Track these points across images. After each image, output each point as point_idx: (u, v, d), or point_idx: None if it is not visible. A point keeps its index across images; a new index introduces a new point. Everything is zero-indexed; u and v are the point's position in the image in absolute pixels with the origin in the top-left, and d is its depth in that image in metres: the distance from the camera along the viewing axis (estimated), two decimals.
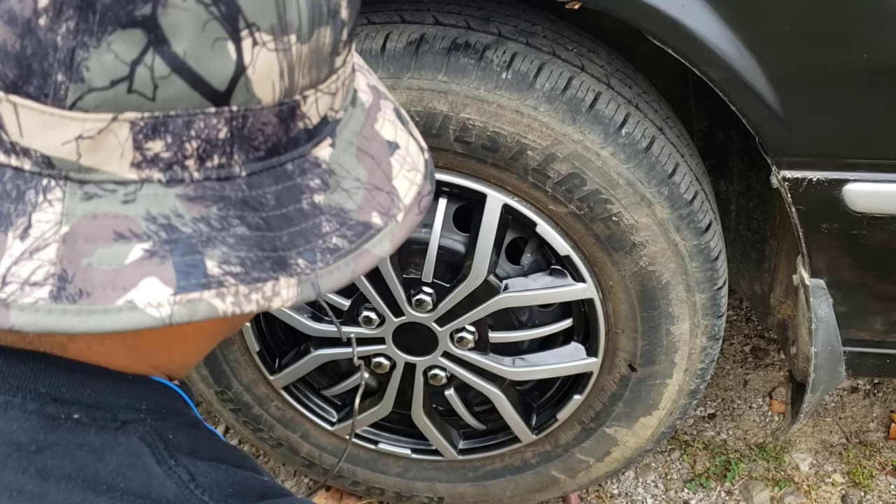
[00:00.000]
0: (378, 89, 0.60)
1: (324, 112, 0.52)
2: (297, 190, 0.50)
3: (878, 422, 1.94)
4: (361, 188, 0.53)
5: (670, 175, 1.20)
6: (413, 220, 0.55)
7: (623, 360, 1.40)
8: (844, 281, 1.25)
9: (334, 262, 0.50)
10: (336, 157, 0.53)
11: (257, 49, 0.45)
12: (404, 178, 0.56)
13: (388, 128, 0.57)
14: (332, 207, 0.51)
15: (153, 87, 0.43)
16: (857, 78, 1.06)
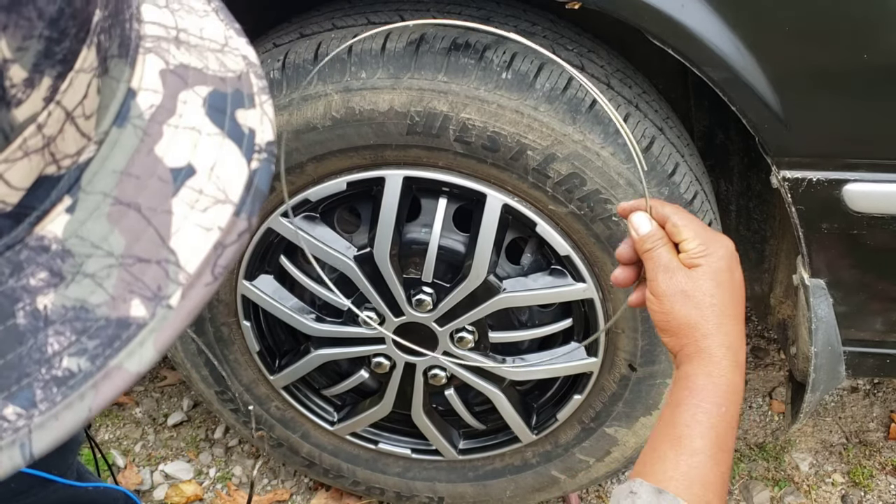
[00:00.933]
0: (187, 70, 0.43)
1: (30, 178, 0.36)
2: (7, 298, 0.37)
3: (878, 422, 1.94)
4: (116, 266, 0.38)
5: (670, 175, 1.20)
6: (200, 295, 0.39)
7: (623, 360, 1.40)
8: (844, 281, 1.25)
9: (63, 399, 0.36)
10: (75, 226, 0.38)
11: None
12: (194, 226, 0.40)
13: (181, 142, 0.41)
14: (66, 310, 0.37)
15: None
16: (857, 78, 1.06)
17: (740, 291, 0.82)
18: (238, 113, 0.43)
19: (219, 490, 1.83)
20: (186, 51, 0.43)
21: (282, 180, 1.24)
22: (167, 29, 0.43)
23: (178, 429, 1.94)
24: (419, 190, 1.31)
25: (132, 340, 0.37)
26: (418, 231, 1.33)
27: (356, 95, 1.18)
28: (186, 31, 0.44)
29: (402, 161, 1.24)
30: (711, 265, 0.80)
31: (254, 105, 0.44)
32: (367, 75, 1.17)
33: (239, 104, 0.44)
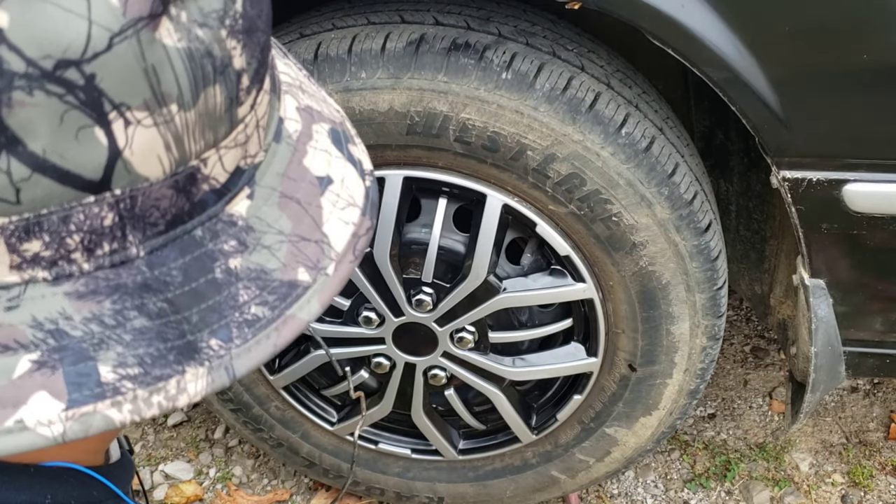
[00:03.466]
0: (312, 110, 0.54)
1: (233, 165, 0.46)
2: (209, 258, 0.45)
3: (878, 421, 1.94)
4: (286, 241, 0.48)
5: (670, 175, 1.20)
6: (347, 268, 0.49)
7: (623, 360, 1.40)
8: (844, 281, 1.25)
9: (253, 337, 0.45)
10: (255, 209, 0.47)
11: (132, 128, 0.40)
12: (337, 219, 0.50)
13: (319, 160, 0.52)
14: (250, 271, 0.46)
15: (15, 190, 0.39)
16: (857, 78, 1.06)
17: None
18: (349, 146, 0.55)
19: (219, 490, 1.83)
20: (307, 97, 0.55)
21: None
22: (292, 78, 0.54)
23: (178, 429, 1.94)
24: (419, 190, 1.31)
25: (301, 298, 0.47)
26: (418, 231, 1.33)
27: (356, 95, 1.18)
28: (303, 83, 0.55)
29: (402, 161, 1.24)
30: None
31: (355, 144, 0.56)
32: (367, 75, 1.17)
33: (348, 140, 0.56)
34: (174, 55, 0.41)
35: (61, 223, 0.41)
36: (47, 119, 0.38)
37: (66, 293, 0.42)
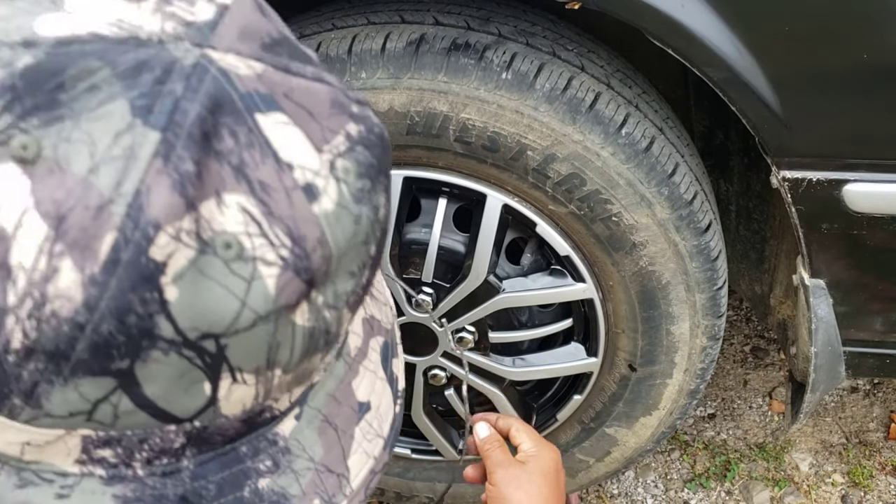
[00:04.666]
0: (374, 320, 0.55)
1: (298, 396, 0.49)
2: (244, 475, 0.47)
3: (878, 422, 1.94)
4: (312, 469, 0.49)
5: (670, 175, 1.20)
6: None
7: (623, 360, 1.40)
8: (844, 281, 1.25)
9: None
10: (297, 431, 0.49)
11: (235, 385, 0.43)
12: (363, 452, 0.52)
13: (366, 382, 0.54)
14: (273, 493, 0.48)
15: (114, 417, 0.42)
16: (857, 78, 1.06)
17: (562, 489, 1.02)
18: (393, 361, 0.58)
19: None
20: (373, 303, 0.56)
21: None
22: None
23: None
24: (419, 190, 1.31)
25: None
26: (418, 231, 1.33)
27: None
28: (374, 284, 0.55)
29: (402, 161, 1.24)
30: (541, 462, 1.01)
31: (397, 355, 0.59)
32: (367, 75, 1.17)
33: (393, 354, 0.58)
34: (298, 333, 0.44)
35: (139, 442, 0.44)
36: (170, 373, 0.41)
37: (114, 495, 0.44)
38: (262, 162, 0.41)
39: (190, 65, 0.40)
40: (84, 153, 0.38)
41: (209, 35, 0.42)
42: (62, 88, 0.39)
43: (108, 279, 0.38)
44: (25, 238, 0.38)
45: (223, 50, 0.42)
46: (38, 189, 0.38)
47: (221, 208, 0.40)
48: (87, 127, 0.39)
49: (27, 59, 0.39)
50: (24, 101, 0.38)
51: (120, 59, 0.39)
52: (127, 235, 0.38)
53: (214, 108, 0.40)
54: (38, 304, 0.38)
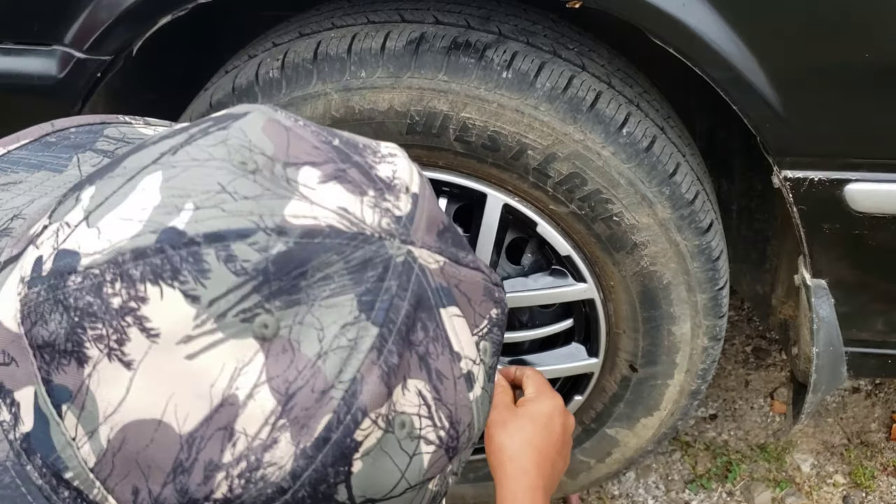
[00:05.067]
0: None
1: None
2: None
3: (880, 422, 1.94)
4: None
5: (671, 175, 1.20)
6: None
7: (624, 361, 1.39)
8: (846, 281, 1.25)
9: None
10: None
11: None
12: None
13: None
14: None
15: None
16: (859, 77, 1.05)
17: (558, 438, 0.98)
18: None
19: None
20: None
21: None
22: None
23: None
24: None
25: None
26: None
27: (356, 94, 1.17)
28: None
29: None
30: (534, 406, 0.98)
31: None
32: (367, 74, 1.16)
33: None
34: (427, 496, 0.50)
35: None
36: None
37: None
38: (441, 353, 0.48)
39: (401, 262, 0.47)
40: (314, 337, 0.44)
41: (409, 229, 0.49)
42: (304, 276, 0.45)
43: (316, 454, 0.44)
44: (254, 409, 0.43)
45: (420, 244, 0.49)
46: (272, 366, 0.43)
47: (405, 392, 0.46)
48: (319, 314, 0.44)
49: (280, 247, 0.44)
50: (271, 285, 0.44)
51: (352, 255, 0.46)
52: (340, 418, 0.44)
53: (416, 305, 0.47)
54: (251, 467, 0.43)
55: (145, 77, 1.49)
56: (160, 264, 0.43)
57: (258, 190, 0.46)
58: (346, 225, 0.47)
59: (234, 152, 0.47)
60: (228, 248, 0.44)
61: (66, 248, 0.45)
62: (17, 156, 0.61)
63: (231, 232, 0.44)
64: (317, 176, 0.48)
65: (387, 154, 0.53)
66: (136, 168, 0.47)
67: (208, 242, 0.43)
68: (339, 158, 0.49)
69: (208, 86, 1.31)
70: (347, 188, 0.48)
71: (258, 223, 0.45)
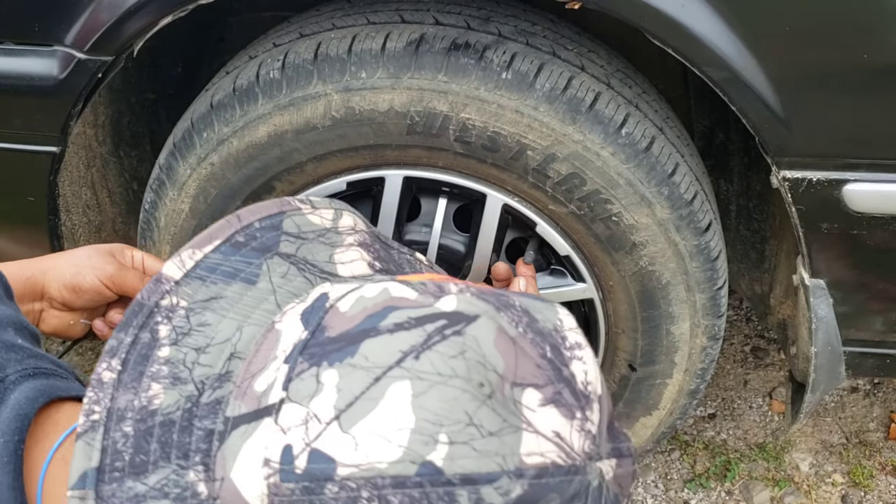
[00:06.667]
0: None
1: None
2: None
3: (878, 422, 1.94)
4: None
5: (670, 175, 1.20)
6: None
7: (623, 360, 1.40)
8: (844, 281, 1.25)
9: None
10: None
11: None
12: None
13: None
14: None
15: None
16: (858, 78, 1.06)
17: None
18: None
19: None
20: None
21: None
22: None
23: None
24: (419, 190, 1.31)
25: None
26: (418, 231, 1.33)
27: (356, 95, 1.18)
28: None
29: (402, 161, 1.24)
30: None
31: None
32: (367, 75, 1.17)
33: None
34: None
35: None
36: None
37: None
38: None
39: (595, 487, 0.53)
40: None
41: (599, 443, 0.55)
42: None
43: None
44: None
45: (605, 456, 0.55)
46: None
47: None
48: None
49: (518, 490, 0.50)
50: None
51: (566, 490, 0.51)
52: None
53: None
54: None
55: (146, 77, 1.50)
56: (418, 498, 0.48)
57: (498, 422, 0.51)
58: (563, 459, 0.52)
59: (472, 370, 0.52)
60: (478, 491, 0.49)
61: (320, 450, 0.49)
62: (212, 261, 0.64)
63: (481, 476, 0.49)
64: (538, 399, 0.53)
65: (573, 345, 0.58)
66: (380, 366, 0.51)
67: (463, 484, 0.49)
68: (554, 378, 0.55)
69: (209, 86, 1.32)
70: (562, 412, 0.54)
71: (502, 466, 0.50)
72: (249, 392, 0.54)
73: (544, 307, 0.60)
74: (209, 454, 0.52)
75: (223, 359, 0.58)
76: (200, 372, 0.56)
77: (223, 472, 0.51)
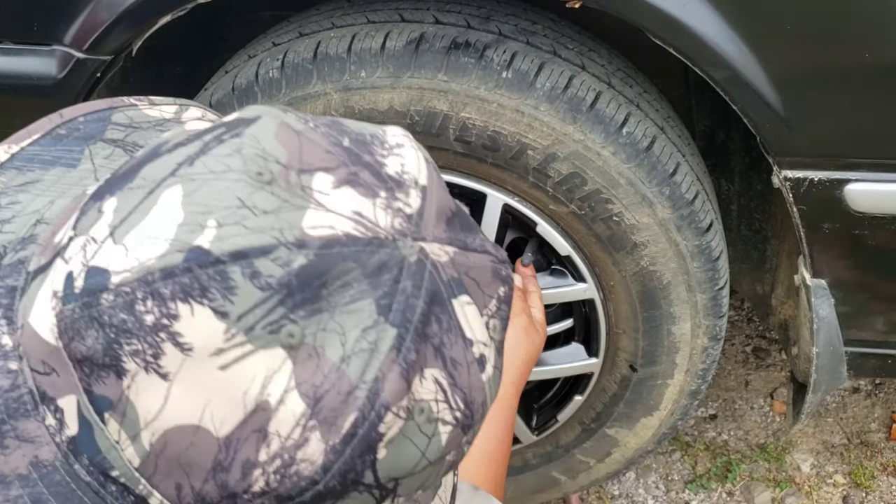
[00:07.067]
0: None
1: None
2: None
3: (880, 422, 1.94)
4: None
5: (671, 175, 1.20)
6: None
7: (624, 361, 1.39)
8: (846, 281, 1.25)
9: None
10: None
11: None
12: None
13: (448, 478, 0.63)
14: None
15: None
16: (859, 77, 1.05)
17: None
18: None
19: None
20: None
21: None
22: None
23: None
24: None
25: None
26: None
27: (355, 94, 1.17)
28: None
29: None
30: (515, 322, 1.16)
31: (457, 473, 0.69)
32: (367, 74, 1.16)
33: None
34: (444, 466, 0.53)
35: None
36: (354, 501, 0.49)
37: None
38: (455, 342, 0.50)
39: (414, 262, 0.49)
40: (337, 343, 0.47)
41: (420, 225, 0.51)
42: (324, 286, 0.47)
43: (344, 448, 0.47)
44: (286, 413, 0.46)
45: (431, 239, 0.51)
46: (300, 372, 0.46)
47: (422, 381, 0.49)
48: (340, 319, 0.47)
49: (301, 260, 0.46)
50: (295, 297, 0.46)
51: (368, 261, 0.48)
52: (365, 415, 0.47)
53: (430, 301, 0.49)
54: (286, 463, 0.47)
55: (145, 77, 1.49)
56: (189, 283, 0.45)
57: (276, 203, 0.47)
58: (361, 231, 0.48)
59: (249, 162, 0.48)
60: (252, 265, 0.46)
61: (95, 266, 0.47)
62: (30, 152, 0.63)
63: (254, 249, 0.46)
64: (330, 181, 0.49)
65: (394, 145, 0.55)
66: (154, 180, 0.49)
67: (233, 260, 0.46)
68: (350, 161, 0.51)
69: (208, 86, 1.31)
70: (360, 191, 0.50)
71: (279, 238, 0.46)
72: (49, 245, 0.53)
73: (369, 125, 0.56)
74: (11, 308, 0.52)
75: (28, 225, 0.57)
76: (3, 238, 0.56)
77: (23, 319, 0.50)
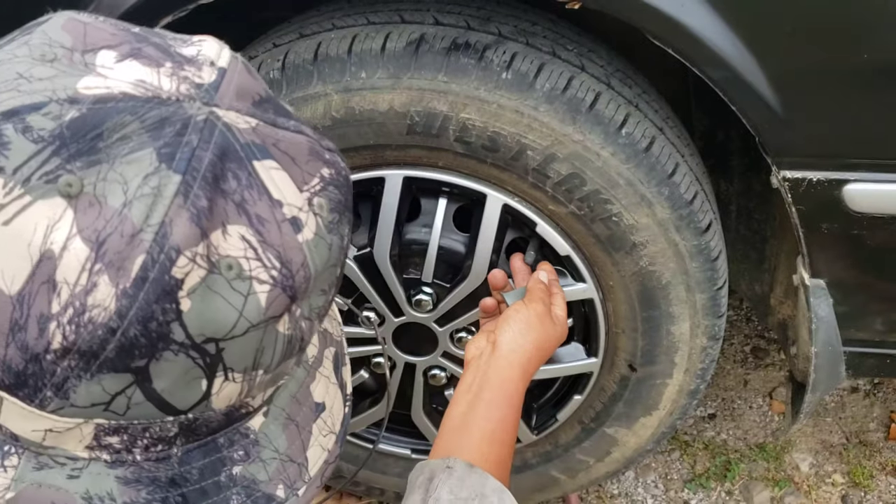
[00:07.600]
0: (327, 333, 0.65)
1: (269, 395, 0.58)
2: (221, 462, 0.56)
3: (879, 422, 1.94)
4: (277, 459, 0.58)
5: (670, 175, 1.20)
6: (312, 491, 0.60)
7: (623, 361, 1.39)
8: (845, 281, 1.25)
9: None
10: (265, 426, 0.58)
11: (226, 383, 0.52)
12: (318, 445, 0.61)
13: (321, 386, 0.63)
14: (245, 479, 0.57)
15: (126, 408, 0.50)
16: (858, 78, 1.06)
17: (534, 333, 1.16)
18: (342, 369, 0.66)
19: None
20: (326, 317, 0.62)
21: None
22: None
23: None
24: (419, 190, 1.31)
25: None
26: (418, 231, 1.33)
27: (356, 95, 1.18)
28: None
29: (402, 161, 1.24)
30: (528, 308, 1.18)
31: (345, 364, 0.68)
32: (367, 75, 1.17)
33: (342, 363, 0.67)
34: (280, 339, 0.53)
35: (142, 431, 0.52)
36: (177, 371, 0.49)
37: (116, 477, 0.53)
38: (258, 199, 0.51)
39: (202, 120, 0.50)
40: (118, 190, 0.47)
41: (214, 95, 0.51)
42: (100, 138, 0.47)
43: (137, 292, 0.47)
44: (70, 259, 0.46)
45: (226, 108, 0.51)
46: (81, 219, 0.46)
47: (226, 237, 0.49)
48: (121, 169, 0.47)
49: (73, 114, 0.47)
50: (69, 148, 0.47)
51: (147, 114, 0.48)
52: (154, 257, 0.47)
53: (222, 156, 0.49)
54: (78, 312, 0.47)
55: None
56: None
57: (53, 72, 0.49)
58: (140, 91, 0.49)
59: (34, 49, 0.50)
60: (24, 120, 0.47)
61: None
62: None
63: (25, 107, 0.47)
64: (113, 56, 0.51)
65: (196, 40, 0.55)
66: None
67: (6, 119, 0.47)
68: (135, 40, 0.52)
69: None
70: (143, 62, 0.51)
71: (51, 97, 0.48)
72: None
73: None
74: None
75: None
76: None
77: None
